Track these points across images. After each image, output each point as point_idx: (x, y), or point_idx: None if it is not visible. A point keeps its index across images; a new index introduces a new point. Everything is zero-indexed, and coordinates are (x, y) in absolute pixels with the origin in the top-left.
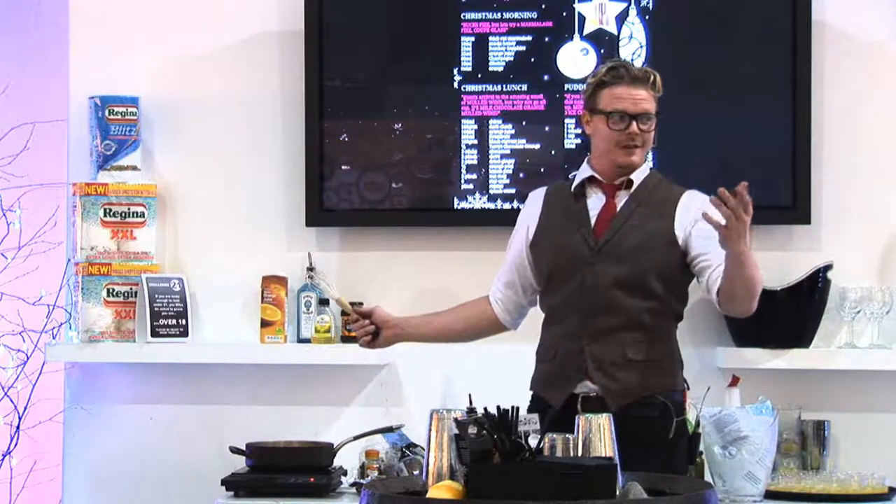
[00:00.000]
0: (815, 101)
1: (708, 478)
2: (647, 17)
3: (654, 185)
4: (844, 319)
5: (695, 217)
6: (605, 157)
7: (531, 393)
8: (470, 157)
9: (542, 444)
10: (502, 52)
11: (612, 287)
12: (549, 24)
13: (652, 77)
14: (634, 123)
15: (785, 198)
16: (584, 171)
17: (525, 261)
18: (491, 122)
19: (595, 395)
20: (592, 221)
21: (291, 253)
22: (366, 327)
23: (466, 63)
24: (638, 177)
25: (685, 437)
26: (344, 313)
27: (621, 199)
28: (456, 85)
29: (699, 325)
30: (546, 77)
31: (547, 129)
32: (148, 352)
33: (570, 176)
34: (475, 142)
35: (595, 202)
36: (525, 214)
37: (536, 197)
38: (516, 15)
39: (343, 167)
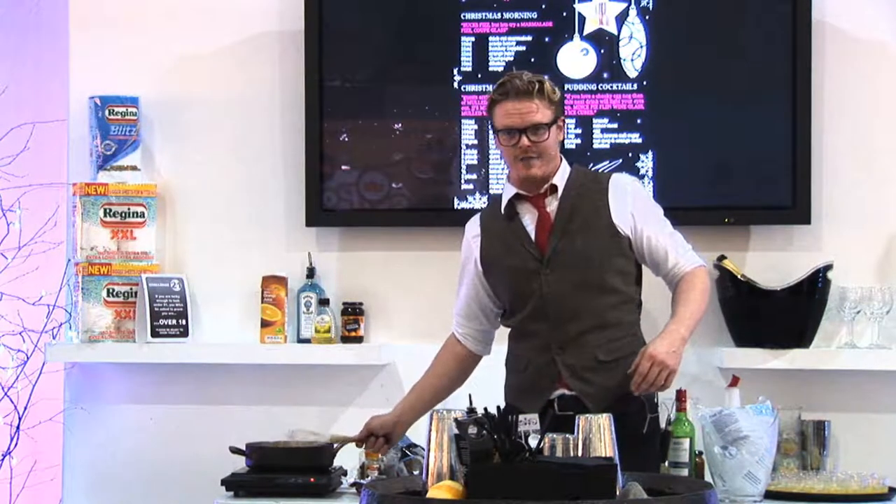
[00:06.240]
0: (815, 101)
1: (708, 478)
2: (647, 17)
3: (581, 182)
4: (844, 319)
5: (631, 203)
6: (514, 173)
7: (505, 402)
8: (470, 157)
9: (542, 444)
10: (502, 52)
11: (573, 292)
12: (549, 24)
13: (537, 86)
14: (524, 137)
15: (785, 198)
16: (509, 191)
17: (481, 291)
18: None
19: (571, 395)
20: (533, 236)
21: (291, 253)
22: (380, 443)
23: (466, 63)
24: (561, 180)
25: (658, 433)
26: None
27: (552, 206)
28: (456, 85)
29: (699, 325)
30: (546, 77)
31: None
32: (148, 352)
33: (492, 199)
34: (475, 142)
35: (528, 217)
36: (466, 247)
37: (472, 227)
38: (516, 15)
39: (343, 167)
